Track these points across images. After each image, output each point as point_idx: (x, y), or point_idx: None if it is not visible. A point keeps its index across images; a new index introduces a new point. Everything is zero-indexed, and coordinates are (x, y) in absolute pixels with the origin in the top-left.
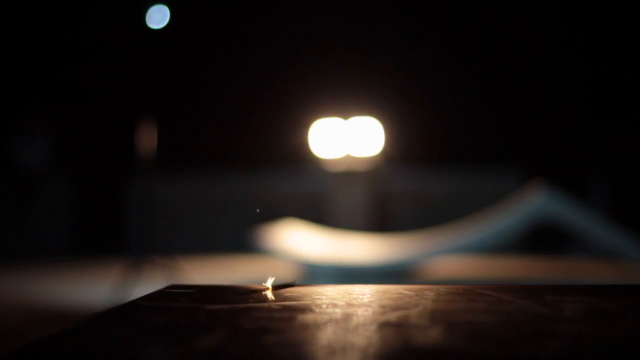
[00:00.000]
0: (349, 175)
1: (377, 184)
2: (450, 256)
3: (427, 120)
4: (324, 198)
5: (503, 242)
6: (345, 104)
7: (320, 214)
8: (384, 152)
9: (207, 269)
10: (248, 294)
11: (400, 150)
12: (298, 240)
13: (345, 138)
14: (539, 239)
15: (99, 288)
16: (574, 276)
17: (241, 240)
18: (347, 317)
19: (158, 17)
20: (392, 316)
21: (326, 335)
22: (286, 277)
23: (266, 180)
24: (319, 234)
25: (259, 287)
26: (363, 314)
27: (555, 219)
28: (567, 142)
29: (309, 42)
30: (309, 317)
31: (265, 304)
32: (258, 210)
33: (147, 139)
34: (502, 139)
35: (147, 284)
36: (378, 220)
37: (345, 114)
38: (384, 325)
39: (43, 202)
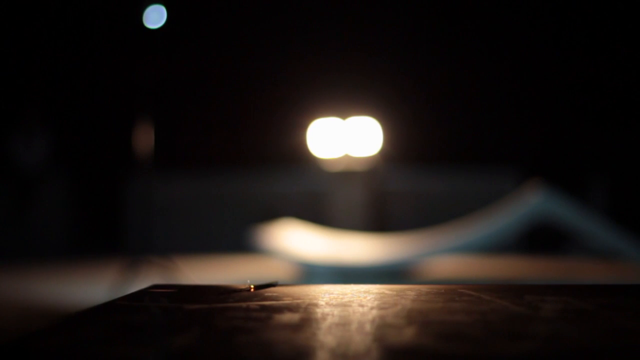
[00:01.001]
0: (348, 175)
1: (375, 183)
2: (449, 256)
3: (425, 120)
4: (323, 198)
5: (501, 241)
6: (343, 103)
7: (318, 213)
8: (382, 152)
9: (204, 269)
10: (229, 294)
11: (398, 150)
12: (296, 240)
13: (343, 138)
14: (537, 239)
15: (97, 288)
16: (570, 276)
17: (239, 240)
18: (323, 317)
19: (155, 17)
20: (369, 316)
21: (299, 335)
22: (277, 277)
23: (264, 180)
24: (317, 234)
25: (240, 286)
26: (340, 313)
27: (553, 218)
28: (566, 142)
29: (307, 42)
30: (285, 317)
31: (244, 304)
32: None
33: (145, 139)
34: (501, 139)
35: (144, 284)
36: (376, 220)
37: (343, 114)
38: (359, 325)
39: (41, 202)
